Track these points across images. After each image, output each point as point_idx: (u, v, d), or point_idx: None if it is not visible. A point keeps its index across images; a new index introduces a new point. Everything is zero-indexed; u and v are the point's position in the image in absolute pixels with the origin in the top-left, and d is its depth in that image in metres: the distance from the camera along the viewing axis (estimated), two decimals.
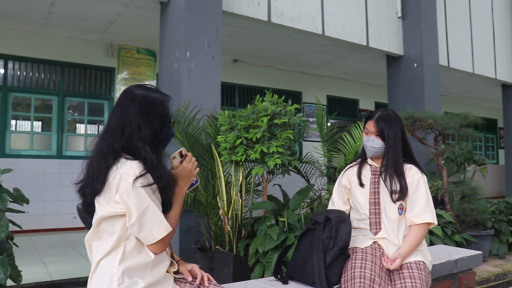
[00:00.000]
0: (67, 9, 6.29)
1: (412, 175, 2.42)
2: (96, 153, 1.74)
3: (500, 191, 13.83)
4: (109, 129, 1.75)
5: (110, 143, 1.72)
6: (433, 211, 2.39)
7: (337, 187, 2.65)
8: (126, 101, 1.77)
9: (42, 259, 5.15)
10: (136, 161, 1.69)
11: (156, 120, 1.76)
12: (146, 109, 1.76)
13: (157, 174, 1.70)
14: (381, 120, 2.46)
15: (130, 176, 1.64)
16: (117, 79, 7.90)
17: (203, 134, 4.59)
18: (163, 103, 1.82)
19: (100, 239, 1.73)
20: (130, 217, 1.65)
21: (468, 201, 5.33)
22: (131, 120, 1.73)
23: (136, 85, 1.86)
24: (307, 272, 2.31)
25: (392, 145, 2.42)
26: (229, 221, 3.71)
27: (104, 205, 1.69)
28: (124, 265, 1.66)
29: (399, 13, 7.71)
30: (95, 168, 1.70)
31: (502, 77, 9.92)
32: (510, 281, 4.91)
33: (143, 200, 1.65)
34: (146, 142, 1.72)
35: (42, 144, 8.00)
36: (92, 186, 1.70)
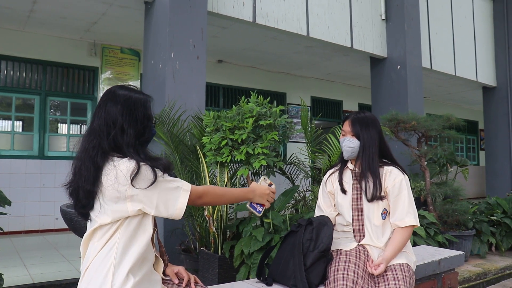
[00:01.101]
0: (49, 7, 6.20)
1: (394, 178, 2.39)
2: (83, 154, 1.72)
3: (481, 191, 14.06)
4: (93, 130, 1.74)
5: (97, 143, 1.70)
6: (415, 212, 2.38)
7: (323, 194, 2.61)
8: (109, 102, 1.76)
9: (24, 262, 5.07)
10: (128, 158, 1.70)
11: (138, 122, 1.77)
12: (129, 110, 1.76)
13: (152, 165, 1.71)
14: (356, 120, 2.45)
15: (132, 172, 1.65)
16: (101, 79, 7.81)
17: (188, 135, 4.57)
18: (145, 104, 1.82)
19: (95, 238, 1.72)
20: (152, 206, 1.69)
21: (450, 202, 5.41)
22: (114, 122, 1.72)
23: (118, 86, 1.85)
24: (288, 274, 2.31)
25: (367, 145, 2.39)
26: (214, 223, 3.70)
27: (113, 205, 1.68)
28: (118, 261, 1.66)
29: (383, 15, 7.78)
30: (83, 170, 1.69)
31: (483, 79, 10.09)
32: (490, 280, 5.00)
33: (152, 191, 1.68)
34: (129, 144, 1.72)
35: (23, 144, 7.88)
36: (84, 189, 1.69)
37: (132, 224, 1.71)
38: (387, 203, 2.40)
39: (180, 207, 1.76)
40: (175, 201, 1.75)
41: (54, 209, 7.14)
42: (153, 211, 1.71)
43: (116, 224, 1.69)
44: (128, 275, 1.65)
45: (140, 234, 1.73)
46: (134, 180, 1.64)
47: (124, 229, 1.69)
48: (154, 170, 1.69)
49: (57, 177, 7.22)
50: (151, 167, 1.69)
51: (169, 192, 1.74)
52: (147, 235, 1.75)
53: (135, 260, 1.69)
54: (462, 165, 6.87)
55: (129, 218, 1.70)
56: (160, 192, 1.71)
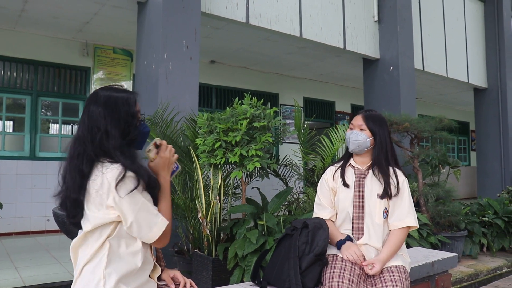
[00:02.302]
0: (41, 7, 6.15)
1: (397, 178, 2.43)
2: (69, 163, 1.69)
3: (472, 192, 14.16)
4: (78, 137, 1.71)
5: (83, 151, 1.67)
6: (415, 214, 2.42)
7: (323, 191, 2.57)
8: (91, 106, 1.73)
9: (14, 264, 5.01)
10: (118, 164, 1.66)
11: (121, 122, 1.72)
12: (110, 111, 1.71)
13: (138, 174, 1.66)
14: (371, 117, 2.48)
15: (117, 179, 1.61)
16: (93, 79, 7.76)
17: (181, 137, 4.55)
18: (128, 101, 1.76)
19: (86, 245, 1.70)
20: (126, 220, 1.64)
21: (442, 203, 5.43)
22: (98, 126, 1.68)
23: (102, 87, 1.81)
24: (283, 277, 2.30)
25: (383, 142, 2.43)
26: (208, 225, 3.69)
27: (95, 211, 1.65)
28: (110, 269, 1.63)
29: (376, 17, 7.81)
30: (69, 179, 1.66)
31: (474, 81, 10.16)
32: (482, 281, 5.03)
33: (135, 201, 1.64)
34: (116, 147, 1.68)
35: (14, 144, 7.80)
36: (70, 198, 1.66)
37: (123, 231, 1.68)
38: (388, 203, 2.41)
39: (153, 235, 1.69)
40: (152, 226, 1.68)
41: (46, 210, 7.08)
42: (126, 225, 1.65)
43: (107, 232, 1.66)
44: (119, 284, 1.63)
45: (132, 241, 1.71)
46: (118, 187, 1.61)
47: (115, 237, 1.67)
48: (138, 179, 1.65)
49: (49, 178, 7.16)
50: (136, 176, 1.64)
51: (148, 214, 1.68)
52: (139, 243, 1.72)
53: (127, 269, 1.66)
54: (454, 166, 6.92)
55: (119, 225, 1.68)
56: (140, 209, 1.66)
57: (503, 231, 5.83)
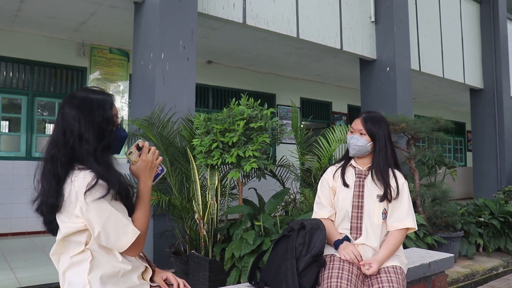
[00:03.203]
0: (38, 7, 6.13)
1: (397, 180, 2.43)
2: (44, 167, 1.64)
3: (468, 192, 14.20)
4: (52, 140, 1.64)
5: (55, 155, 1.61)
6: (414, 216, 2.42)
7: (323, 190, 2.58)
8: (66, 107, 1.64)
9: (10, 265, 4.99)
10: (88, 170, 1.59)
11: (95, 126, 1.63)
12: (84, 114, 1.62)
13: (108, 183, 1.59)
14: (369, 119, 2.48)
15: (83, 188, 1.55)
16: (89, 79, 7.74)
17: (178, 137, 4.55)
18: (104, 104, 1.67)
19: (67, 251, 1.65)
20: (93, 230, 1.58)
21: (439, 203, 5.44)
22: (71, 129, 1.61)
23: (80, 89, 1.74)
24: (280, 278, 2.29)
25: (382, 145, 2.43)
26: (204, 225, 3.68)
27: (66, 221, 1.61)
28: (94, 274, 1.61)
29: (373, 17, 7.82)
30: (45, 184, 1.61)
31: (470, 82, 10.20)
32: (478, 281, 5.04)
33: (102, 210, 1.57)
34: (89, 153, 1.60)
35: (10, 145, 7.76)
36: (47, 204, 1.61)
37: None
38: (387, 204, 2.41)
39: (123, 244, 1.62)
40: (121, 235, 1.61)
41: None
42: (94, 234, 1.59)
43: (84, 237, 1.61)
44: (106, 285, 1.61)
45: None
46: (87, 194, 1.54)
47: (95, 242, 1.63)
48: (108, 188, 1.58)
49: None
50: (108, 185, 1.58)
51: (118, 223, 1.61)
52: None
53: (111, 272, 1.63)
54: (450, 167, 6.93)
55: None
56: (108, 218, 1.59)
57: (499, 232, 5.85)
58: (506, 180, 9.94)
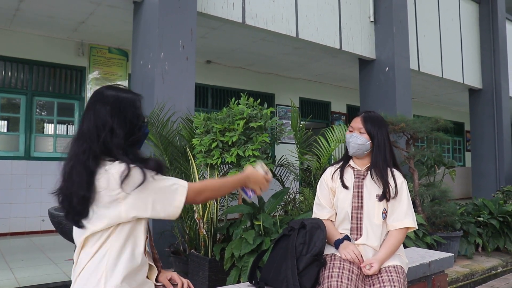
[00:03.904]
0: (36, 6, 6.11)
1: (395, 179, 2.43)
2: (73, 159, 1.67)
3: (466, 192, 14.21)
4: (83, 134, 1.69)
5: (88, 147, 1.65)
6: (413, 215, 2.42)
7: (322, 191, 2.58)
8: (98, 104, 1.72)
9: (9, 265, 4.98)
10: (118, 161, 1.66)
11: (127, 122, 1.72)
12: (117, 111, 1.71)
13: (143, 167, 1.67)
14: (369, 119, 2.48)
15: (120, 176, 1.61)
16: (88, 79, 7.73)
17: (177, 137, 4.54)
18: (134, 103, 1.78)
19: (88, 244, 1.68)
20: (146, 206, 1.66)
21: (438, 203, 5.44)
22: (104, 124, 1.68)
23: (106, 86, 1.81)
24: (280, 277, 2.29)
25: (382, 144, 2.43)
26: (204, 225, 3.68)
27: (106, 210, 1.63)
28: (111, 269, 1.62)
29: (372, 17, 7.83)
30: (76, 176, 1.63)
31: (469, 82, 10.21)
32: (477, 281, 5.05)
33: (142, 196, 1.65)
34: (119, 146, 1.68)
35: (9, 144, 7.75)
36: (78, 195, 1.62)
37: (124, 230, 1.67)
38: (386, 204, 2.41)
39: (178, 204, 1.72)
40: (172, 199, 1.71)
41: (41, 210, 7.04)
42: (149, 212, 1.67)
43: (108, 231, 1.64)
44: (122, 284, 1.62)
45: (132, 241, 1.69)
46: (124, 183, 1.60)
47: (117, 236, 1.65)
48: (143, 172, 1.64)
49: (44, 178, 7.13)
50: (141, 169, 1.65)
51: (165, 190, 1.71)
52: (140, 242, 1.71)
53: (128, 268, 1.65)
54: (450, 167, 6.93)
55: (121, 225, 1.66)
56: (155, 192, 1.67)
57: (498, 231, 5.85)
58: (504, 180, 9.95)
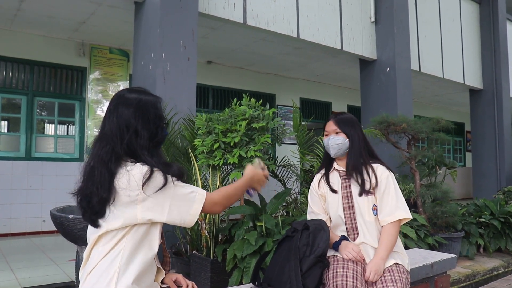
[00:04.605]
0: (37, 6, 6.11)
1: (380, 174, 2.44)
2: (95, 160, 1.69)
3: (467, 192, 14.21)
4: (105, 136, 1.72)
5: (111, 149, 1.68)
6: (405, 206, 2.41)
7: (313, 199, 2.61)
8: (120, 106, 1.75)
9: (10, 265, 4.98)
10: (140, 163, 1.68)
11: (151, 124, 1.76)
12: (141, 112, 1.75)
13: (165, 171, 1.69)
14: (341, 120, 2.53)
15: (141, 178, 1.63)
16: (89, 79, 7.72)
17: (179, 137, 4.54)
18: (156, 105, 1.82)
19: (100, 242, 1.69)
20: (163, 210, 1.67)
21: (439, 204, 5.44)
22: (128, 125, 1.71)
23: (127, 89, 1.85)
24: (284, 279, 2.29)
25: (356, 142, 2.47)
26: (206, 226, 3.67)
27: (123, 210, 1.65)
28: (123, 269, 1.63)
29: (373, 18, 7.82)
30: (97, 176, 1.65)
31: (470, 82, 10.20)
32: (479, 281, 5.05)
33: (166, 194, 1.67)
34: (143, 147, 1.71)
35: (10, 145, 7.74)
36: (98, 195, 1.64)
37: (139, 232, 1.68)
38: (375, 200, 2.42)
39: (194, 213, 1.74)
40: (189, 207, 1.73)
41: (41, 211, 7.03)
42: (164, 217, 1.68)
43: (123, 231, 1.65)
44: (133, 285, 1.62)
45: (146, 243, 1.70)
46: (145, 186, 1.63)
47: (131, 237, 1.66)
48: (165, 176, 1.67)
49: (44, 179, 7.12)
50: (163, 173, 1.67)
51: (183, 197, 1.72)
52: (154, 245, 1.72)
53: (140, 269, 1.66)
54: (451, 167, 6.93)
55: (136, 226, 1.67)
56: (173, 197, 1.69)
57: (499, 232, 5.85)
58: (505, 181, 9.95)
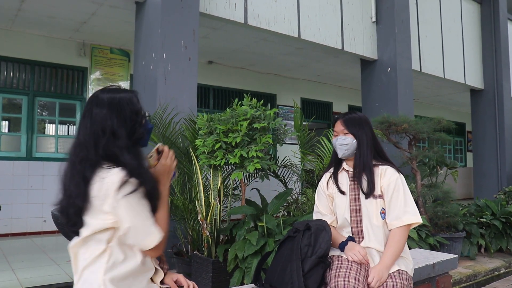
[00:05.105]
0: (38, 6, 6.11)
1: (389, 177, 2.37)
2: (71, 169, 1.64)
3: (468, 193, 14.20)
4: (80, 143, 1.66)
5: (85, 156, 1.62)
6: (414, 210, 2.34)
7: (321, 198, 2.56)
8: (94, 109, 1.68)
9: (11, 266, 4.97)
10: (119, 168, 1.61)
11: (127, 121, 1.69)
12: (116, 111, 1.68)
13: (141, 178, 1.62)
14: (349, 120, 2.47)
15: (115, 184, 1.57)
16: (90, 79, 7.72)
17: (180, 138, 4.54)
18: (131, 100, 1.74)
19: (86, 247, 1.66)
20: (123, 224, 1.60)
21: (440, 204, 5.43)
22: (103, 128, 1.64)
23: (101, 90, 1.77)
24: (285, 279, 2.28)
25: (363, 143, 2.41)
26: (207, 226, 3.67)
27: (92, 219, 1.62)
28: (110, 274, 1.60)
29: (374, 18, 7.82)
30: (73, 187, 1.61)
31: (471, 82, 10.20)
32: (480, 282, 5.04)
33: (133, 206, 1.60)
34: (123, 147, 1.64)
35: (11, 145, 7.74)
36: (75, 206, 1.61)
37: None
38: (384, 203, 2.37)
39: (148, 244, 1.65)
40: (148, 234, 1.64)
41: (42, 211, 7.03)
42: (122, 230, 1.61)
43: (106, 236, 1.62)
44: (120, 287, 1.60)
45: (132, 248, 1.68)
46: (118, 193, 1.56)
47: (116, 243, 1.63)
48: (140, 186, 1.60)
49: (45, 179, 7.12)
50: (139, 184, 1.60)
51: (146, 221, 1.64)
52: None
53: (127, 274, 1.63)
54: (452, 167, 6.92)
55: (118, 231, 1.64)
56: (138, 215, 1.62)
57: (500, 232, 5.84)
58: (506, 181, 9.94)
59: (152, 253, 1.70)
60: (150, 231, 1.65)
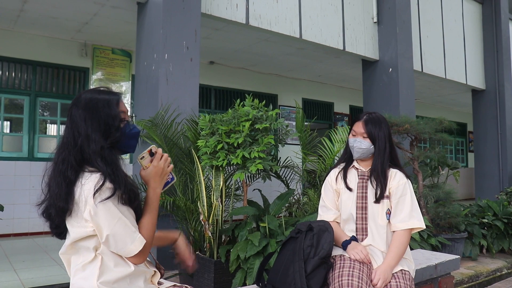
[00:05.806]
0: (40, 7, 6.12)
1: (398, 180, 2.40)
2: (53, 170, 1.62)
3: (469, 193, 14.19)
4: (63, 143, 1.63)
5: (65, 157, 1.59)
6: (420, 216, 2.38)
7: (327, 193, 2.57)
8: (73, 109, 1.64)
9: (13, 266, 4.98)
10: (98, 173, 1.57)
11: (101, 124, 1.62)
12: (90, 114, 1.62)
13: (116, 184, 1.57)
14: (370, 121, 2.46)
15: (92, 190, 1.53)
16: (92, 80, 7.73)
17: (182, 138, 4.54)
18: (109, 103, 1.67)
19: (77, 254, 1.64)
20: (101, 233, 1.56)
21: (442, 204, 5.43)
22: (79, 130, 1.60)
23: (86, 90, 1.73)
24: (288, 280, 2.28)
25: (382, 147, 2.42)
26: (210, 227, 3.67)
27: (75, 225, 1.59)
28: (103, 279, 1.58)
29: (375, 18, 7.82)
30: (54, 187, 1.59)
31: (472, 82, 10.19)
32: (482, 283, 5.03)
33: (111, 213, 1.55)
34: (96, 152, 1.59)
35: (12, 145, 7.75)
36: (56, 206, 1.58)
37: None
38: (390, 204, 2.39)
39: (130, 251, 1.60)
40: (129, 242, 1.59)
41: None
42: (101, 239, 1.57)
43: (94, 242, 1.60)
44: None
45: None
46: (95, 199, 1.53)
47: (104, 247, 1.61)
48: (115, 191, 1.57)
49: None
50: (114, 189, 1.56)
51: (126, 228, 1.59)
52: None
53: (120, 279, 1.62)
54: (453, 168, 6.92)
55: None
56: (117, 222, 1.57)
57: (502, 233, 5.84)
58: (508, 181, 9.93)
59: (135, 260, 1.64)
60: (132, 238, 1.59)
